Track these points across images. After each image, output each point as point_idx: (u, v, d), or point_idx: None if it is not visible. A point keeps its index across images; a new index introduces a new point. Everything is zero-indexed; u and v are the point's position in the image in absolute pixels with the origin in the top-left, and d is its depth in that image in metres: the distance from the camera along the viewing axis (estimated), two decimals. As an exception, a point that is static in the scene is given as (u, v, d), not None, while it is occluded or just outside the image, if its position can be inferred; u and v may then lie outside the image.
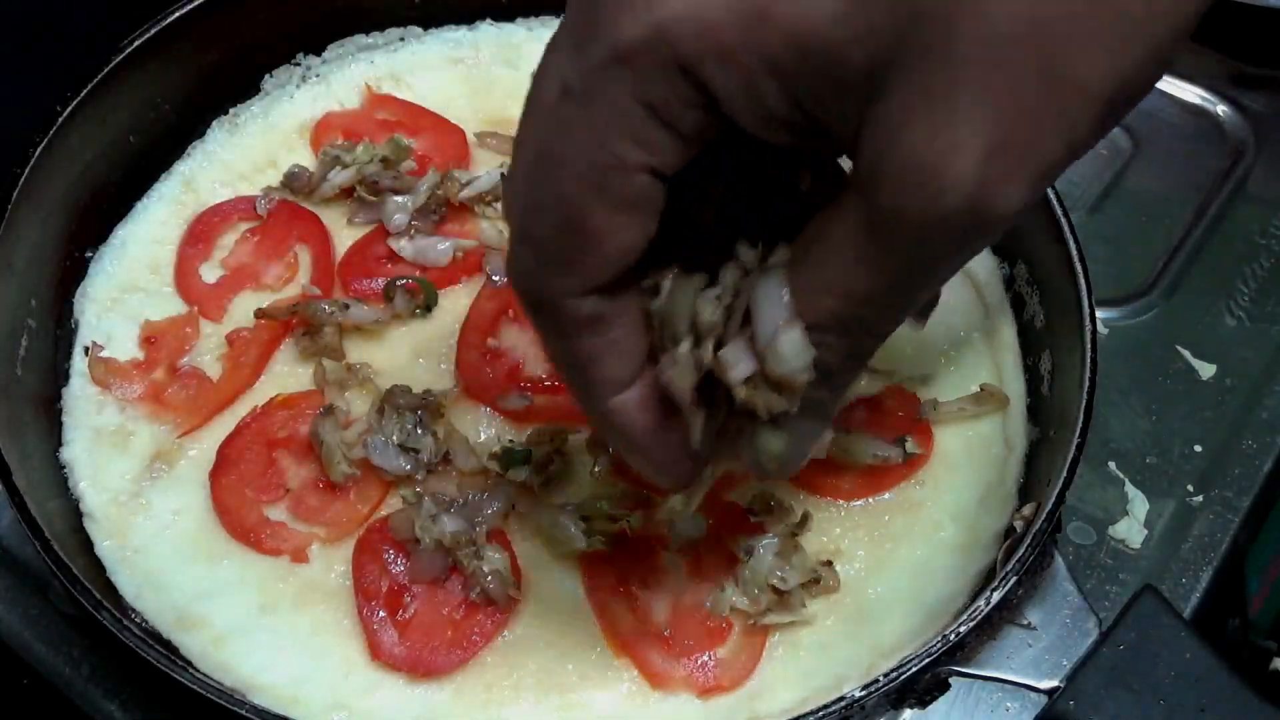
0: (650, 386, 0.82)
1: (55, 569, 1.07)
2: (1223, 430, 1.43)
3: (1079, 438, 1.15)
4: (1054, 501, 1.12)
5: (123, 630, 1.05)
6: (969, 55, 0.65)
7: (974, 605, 1.08)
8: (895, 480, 1.26)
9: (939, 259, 0.72)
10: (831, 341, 0.75)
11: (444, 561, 1.16)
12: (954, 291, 1.40)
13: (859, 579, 1.21)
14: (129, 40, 1.33)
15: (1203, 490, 1.38)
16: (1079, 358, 1.20)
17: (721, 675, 1.15)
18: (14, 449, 1.14)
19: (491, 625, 1.15)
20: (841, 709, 1.05)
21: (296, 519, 1.22)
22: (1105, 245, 1.58)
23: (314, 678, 1.14)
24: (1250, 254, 1.58)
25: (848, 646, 1.17)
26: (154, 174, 1.42)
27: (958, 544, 1.22)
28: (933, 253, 0.71)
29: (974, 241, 0.71)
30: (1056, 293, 1.29)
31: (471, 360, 1.29)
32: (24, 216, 1.24)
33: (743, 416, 0.80)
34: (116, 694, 1.22)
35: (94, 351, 1.30)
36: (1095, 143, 0.70)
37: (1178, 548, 1.35)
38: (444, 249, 1.35)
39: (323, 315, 1.29)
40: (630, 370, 0.81)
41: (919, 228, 0.68)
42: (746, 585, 1.15)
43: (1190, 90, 1.75)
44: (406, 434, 1.22)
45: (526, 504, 1.21)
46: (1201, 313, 1.53)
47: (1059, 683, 1.08)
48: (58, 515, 1.18)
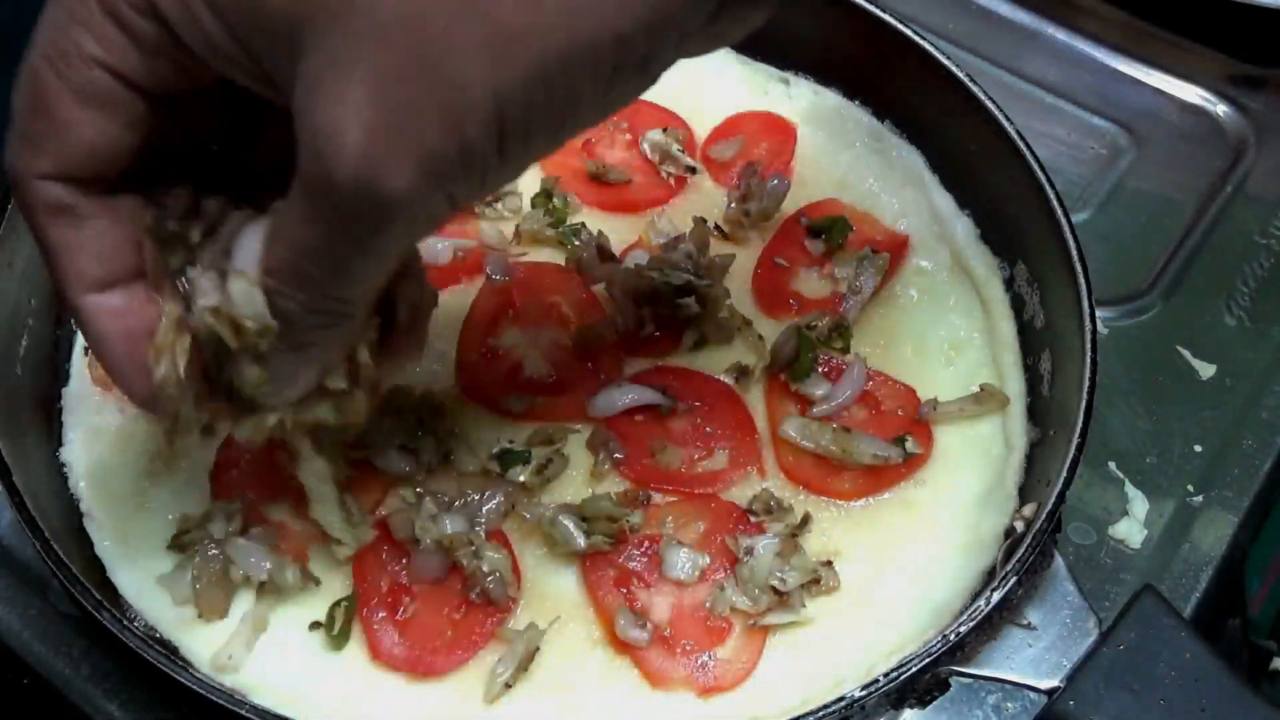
0: (136, 301, 0.86)
1: (55, 569, 1.07)
2: (1223, 430, 1.43)
3: (1079, 438, 1.15)
4: (1054, 501, 1.12)
5: (123, 630, 1.05)
6: (364, 32, 0.67)
7: (974, 605, 1.08)
8: (895, 480, 1.26)
9: (357, 232, 0.74)
10: (287, 292, 0.80)
11: (444, 561, 1.16)
12: (954, 291, 1.40)
13: (859, 579, 1.21)
14: (129, 40, 1.33)
15: (1203, 490, 1.38)
16: (1079, 358, 1.20)
17: (721, 675, 1.15)
18: (14, 449, 1.14)
19: (491, 625, 1.15)
20: (841, 709, 1.05)
21: (297, 519, 1.22)
22: (1105, 245, 1.58)
23: (314, 678, 1.14)
24: (1250, 254, 1.58)
25: (848, 646, 1.17)
26: (154, 174, 1.42)
27: (958, 544, 1.22)
28: (346, 223, 0.73)
29: (381, 222, 0.73)
30: (1056, 293, 1.30)
31: (471, 360, 1.29)
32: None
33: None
34: (116, 694, 1.21)
35: (94, 352, 1.29)
36: (513, 150, 0.72)
37: (1178, 548, 1.35)
38: (443, 248, 1.35)
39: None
40: (103, 272, 0.84)
41: (324, 194, 0.71)
42: (746, 585, 1.16)
43: (1190, 90, 1.75)
44: (407, 435, 1.22)
45: (526, 504, 1.21)
46: (1201, 313, 1.53)
47: (1059, 683, 1.08)
48: (58, 515, 1.18)
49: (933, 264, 1.42)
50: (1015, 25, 1.81)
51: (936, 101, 1.42)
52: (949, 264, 1.42)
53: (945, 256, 1.42)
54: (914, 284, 1.40)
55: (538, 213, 1.40)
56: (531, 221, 1.39)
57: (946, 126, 1.43)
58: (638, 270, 1.31)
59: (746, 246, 1.41)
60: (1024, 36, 1.80)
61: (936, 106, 1.42)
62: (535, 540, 1.21)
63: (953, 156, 1.45)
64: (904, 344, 1.35)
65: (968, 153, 1.41)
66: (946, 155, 1.46)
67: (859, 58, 1.48)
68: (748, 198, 1.41)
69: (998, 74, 1.75)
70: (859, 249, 1.38)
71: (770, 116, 1.52)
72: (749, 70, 1.55)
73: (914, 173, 1.47)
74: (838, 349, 1.33)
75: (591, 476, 1.24)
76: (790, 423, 1.26)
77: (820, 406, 1.27)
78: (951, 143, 1.44)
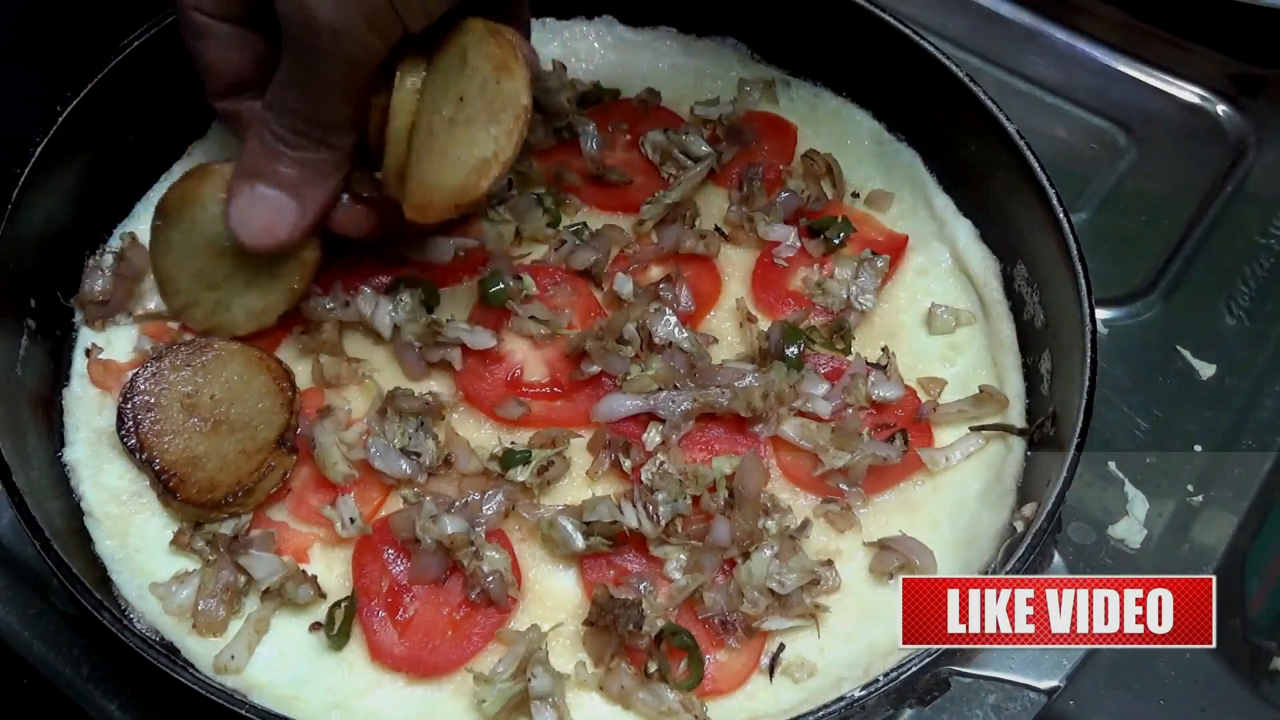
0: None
1: (55, 569, 1.07)
2: (1223, 430, 1.43)
3: (1079, 438, 1.15)
4: (1054, 501, 1.12)
5: (123, 630, 1.05)
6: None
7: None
8: (895, 480, 1.26)
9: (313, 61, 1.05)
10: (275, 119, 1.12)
11: (444, 562, 1.16)
12: (953, 291, 1.40)
13: (859, 579, 1.21)
14: (129, 40, 1.33)
15: (1203, 490, 1.38)
16: (1079, 357, 1.20)
17: (721, 676, 1.15)
18: (14, 449, 1.15)
19: (491, 625, 1.15)
20: (841, 709, 1.05)
21: (297, 519, 1.22)
22: (1105, 245, 1.58)
23: (314, 678, 1.14)
24: (1250, 254, 1.58)
25: (847, 646, 1.17)
26: (154, 174, 1.42)
27: (957, 543, 1.22)
28: (305, 56, 1.05)
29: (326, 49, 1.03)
30: (1056, 293, 1.29)
31: (470, 367, 1.29)
32: (24, 217, 1.24)
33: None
34: (116, 694, 1.22)
35: (94, 353, 1.30)
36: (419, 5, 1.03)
37: (1178, 548, 1.35)
38: (445, 247, 1.35)
39: (322, 311, 1.29)
40: (234, 79, 1.17)
41: (292, 37, 1.04)
42: (745, 588, 1.15)
43: (1190, 90, 1.75)
44: (408, 437, 1.22)
45: (526, 505, 1.21)
46: (1201, 313, 1.53)
47: (1059, 683, 1.09)
48: (58, 515, 1.18)
49: (933, 264, 1.42)
50: (1015, 25, 1.81)
51: (936, 101, 1.42)
52: (949, 264, 1.42)
53: (945, 256, 1.42)
54: (914, 284, 1.41)
55: (537, 212, 1.40)
56: (531, 222, 1.39)
57: (946, 126, 1.43)
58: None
59: (747, 247, 1.41)
60: (1024, 36, 1.80)
61: (936, 106, 1.42)
62: (535, 540, 1.21)
63: (953, 156, 1.45)
64: (904, 344, 1.35)
65: (968, 153, 1.41)
66: (946, 155, 1.46)
67: (859, 58, 1.48)
68: (748, 199, 1.42)
69: (998, 74, 1.75)
70: (859, 250, 1.39)
71: (771, 117, 1.52)
72: (751, 71, 1.55)
73: (914, 173, 1.47)
74: (839, 350, 1.33)
75: (590, 478, 1.24)
76: (790, 423, 1.26)
77: (820, 406, 1.27)
78: (951, 143, 1.44)
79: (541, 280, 1.34)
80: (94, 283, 1.31)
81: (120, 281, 1.32)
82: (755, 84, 1.53)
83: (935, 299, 1.39)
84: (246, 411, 1.21)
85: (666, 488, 1.18)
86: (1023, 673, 1.11)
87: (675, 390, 1.25)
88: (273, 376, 1.23)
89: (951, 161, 1.45)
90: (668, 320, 1.29)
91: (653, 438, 1.23)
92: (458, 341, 1.27)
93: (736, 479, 1.19)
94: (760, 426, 1.25)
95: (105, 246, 1.35)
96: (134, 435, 1.20)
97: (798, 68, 1.55)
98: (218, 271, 1.27)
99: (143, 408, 1.21)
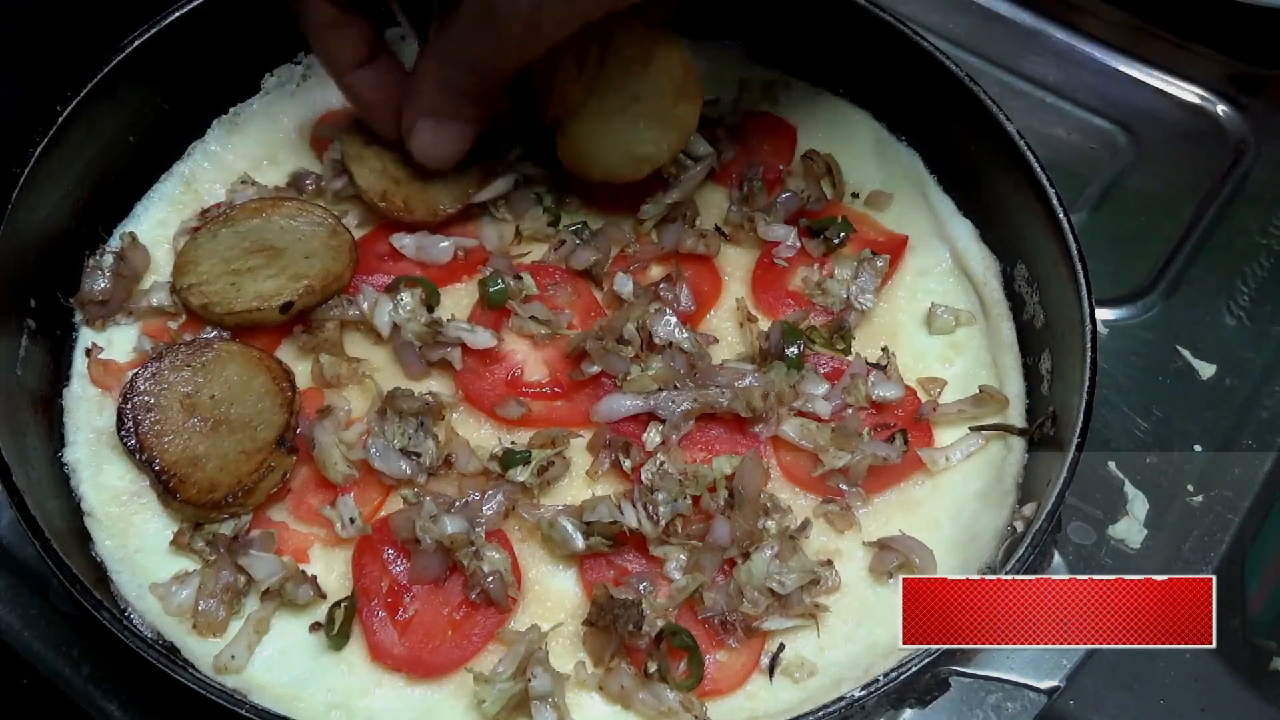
0: (379, 72, 1.29)
1: (55, 569, 1.07)
2: (1223, 430, 1.43)
3: (1079, 438, 1.15)
4: (1054, 501, 1.12)
5: (123, 630, 1.05)
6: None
7: (974, 605, 1.08)
8: (895, 480, 1.26)
9: (507, 26, 1.15)
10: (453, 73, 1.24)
11: (444, 562, 1.16)
12: (953, 291, 1.40)
13: (859, 579, 1.21)
14: (129, 40, 1.33)
15: (1203, 490, 1.38)
16: (1079, 357, 1.20)
17: (721, 676, 1.15)
18: (14, 449, 1.15)
19: (491, 625, 1.15)
20: (841, 709, 1.05)
21: (297, 519, 1.22)
22: (1105, 245, 1.57)
23: (314, 678, 1.14)
24: (1250, 254, 1.58)
25: (847, 646, 1.17)
26: (154, 174, 1.42)
27: (957, 542, 1.22)
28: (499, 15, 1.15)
29: (520, 14, 1.12)
30: (1056, 292, 1.29)
31: (470, 366, 1.29)
32: (24, 217, 1.24)
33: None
34: (116, 694, 1.22)
35: (94, 353, 1.30)
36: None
37: (1178, 548, 1.35)
38: (445, 247, 1.35)
39: (322, 311, 1.29)
40: (357, 56, 1.28)
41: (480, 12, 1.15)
42: (745, 588, 1.15)
43: (1190, 90, 1.75)
44: (408, 438, 1.22)
45: (526, 505, 1.21)
46: (1201, 313, 1.53)
47: (1059, 683, 1.09)
48: (58, 515, 1.18)
49: (933, 264, 1.42)
50: (1015, 25, 1.81)
51: (936, 102, 1.42)
52: (949, 264, 1.42)
53: (945, 256, 1.42)
54: (914, 284, 1.41)
55: (537, 212, 1.40)
56: (531, 221, 1.39)
57: (946, 127, 1.43)
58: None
59: (747, 247, 1.41)
60: (1024, 36, 1.80)
61: (936, 107, 1.42)
62: (535, 540, 1.21)
63: (953, 156, 1.45)
64: (904, 344, 1.35)
65: (968, 153, 1.41)
66: (946, 155, 1.46)
67: (859, 59, 1.48)
68: (748, 199, 1.42)
69: (998, 74, 1.75)
70: (859, 250, 1.39)
71: (771, 117, 1.52)
72: (750, 72, 1.55)
73: (914, 173, 1.47)
74: (839, 350, 1.33)
75: (590, 478, 1.24)
76: (790, 423, 1.26)
77: (820, 406, 1.27)
78: (951, 143, 1.44)
79: (541, 280, 1.34)
80: (94, 283, 1.31)
81: (120, 281, 1.32)
82: (755, 84, 1.53)
83: (935, 299, 1.39)
84: (246, 411, 1.21)
85: (666, 488, 1.18)
86: (1023, 673, 1.11)
87: (675, 390, 1.25)
88: (272, 376, 1.23)
89: (951, 161, 1.45)
90: (668, 320, 1.29)
91: (653, 438, 1.23)
92: (458, 341, 1.27)
93: (736, 479, 1.19)
94: (760, 426, 1.26)
95: (105, 246, 1.36)
96: (134, 435, 1.20)
97: (797, 68, 1.55)
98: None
99: (143, 408, 1.21)
